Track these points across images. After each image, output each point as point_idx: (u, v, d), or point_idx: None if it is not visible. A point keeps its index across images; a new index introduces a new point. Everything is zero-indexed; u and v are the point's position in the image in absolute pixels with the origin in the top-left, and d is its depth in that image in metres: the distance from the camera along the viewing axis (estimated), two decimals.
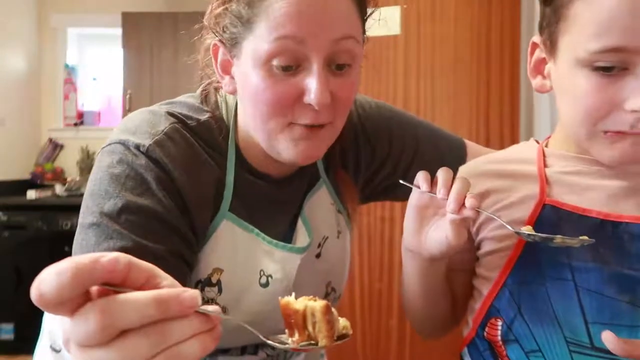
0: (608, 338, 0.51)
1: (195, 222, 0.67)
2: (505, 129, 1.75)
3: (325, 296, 0.82)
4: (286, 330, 0.45)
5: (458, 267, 0.72)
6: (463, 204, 0.56)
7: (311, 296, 0.46)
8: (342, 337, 0.46)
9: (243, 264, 0.72)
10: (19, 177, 3.36)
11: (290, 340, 0.44)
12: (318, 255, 0.81)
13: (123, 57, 3.23)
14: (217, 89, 0.77)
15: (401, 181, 0.65)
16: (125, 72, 3.24)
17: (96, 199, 0.62)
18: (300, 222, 0.79)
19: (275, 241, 0.74)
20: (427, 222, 0.62)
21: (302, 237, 0.78)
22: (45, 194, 3.12)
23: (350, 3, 0.64)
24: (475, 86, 1.76)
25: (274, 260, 0.74)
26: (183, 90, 0.80)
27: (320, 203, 0.82)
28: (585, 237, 0.53)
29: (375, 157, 0.86)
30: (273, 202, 0.77)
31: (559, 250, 0.59)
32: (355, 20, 0.66)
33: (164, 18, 3.19)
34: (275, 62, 0.62)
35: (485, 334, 0.63)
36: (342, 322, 0.47)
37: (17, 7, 3.37)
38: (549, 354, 0.58)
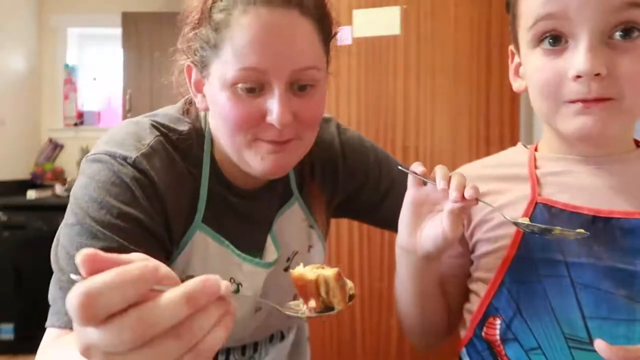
0: (600, 346, 0.52)
1: (172, 231, 0.69)
2: (505, 129, 1.74)
3: None
4: (300, 300, 0.49)
5: (452, 273, 0.72)
6: (463, 195, 0.57)
7: (319, 264, 0.49)
8: (350, 298, 0.50)
9: (214, 274, 0.74)
10: (19, 177, 3.36)
11: (305, 308, 0.48)
12: (287, 269, 0.84)
13: (123, 57, 3.24)
14: None
15: (400, 167, 0.67)
16: (125, 72, 3.24)
17: (81, 203, 0.64)
18: (269, 239, 0.82)
19: (243, 254, 0.77)
20: (423, 218, 0.63)
21: (270, 253, 0.81)
22: (45, 194, 3.13)
23: (312, 30, 0.67)
24: (475, 86, 1.76)
25: (242, 272, 0.76)
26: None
27: (292, 219, 0.85)
28: (582, 230, 0.55)
29: (354, 182, 0.90)
30: (243, 215, 0.79)
31: (554, 247, 0.59)
32: (317, 49, 0.68)
33: (164, 18, 3.19)
34: (240, 86, 0.65)
35: (483, 333, 0.63)
36: (348, 284, 0.51)
37: (17, 7, 3.37)
38: (549, 351, 0.58)
